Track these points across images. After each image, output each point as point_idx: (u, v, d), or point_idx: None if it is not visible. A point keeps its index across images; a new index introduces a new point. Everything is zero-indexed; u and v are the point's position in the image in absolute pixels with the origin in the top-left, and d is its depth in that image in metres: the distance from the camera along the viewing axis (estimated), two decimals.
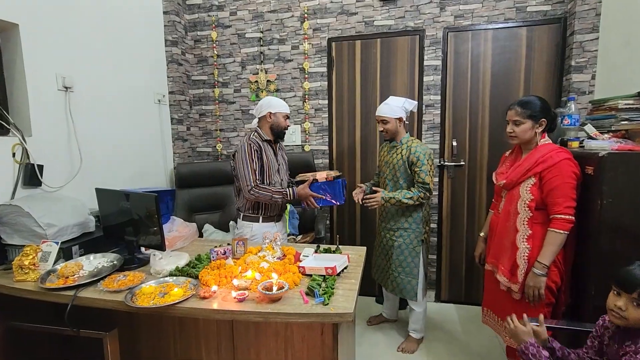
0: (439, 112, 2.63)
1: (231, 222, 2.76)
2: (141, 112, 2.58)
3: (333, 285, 1.33)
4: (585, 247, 1.53)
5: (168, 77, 2.87)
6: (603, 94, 2.14)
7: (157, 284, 1.34)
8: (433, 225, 2.75)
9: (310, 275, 1.42)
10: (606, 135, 1.66)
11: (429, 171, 1.99)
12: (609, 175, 1.38)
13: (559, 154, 1.49)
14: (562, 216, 1.44)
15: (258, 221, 2.00)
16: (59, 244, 1.53)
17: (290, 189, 1.96)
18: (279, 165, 2.05)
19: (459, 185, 2.67)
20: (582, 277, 1.56)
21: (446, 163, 2.66)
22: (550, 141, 1.58)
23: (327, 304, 1.20)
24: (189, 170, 2.86)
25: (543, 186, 1.50)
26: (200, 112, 3.10)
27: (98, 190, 1.72)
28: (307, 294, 1.28)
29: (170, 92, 2.88)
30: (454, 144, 2.62)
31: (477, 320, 2.51)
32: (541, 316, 1.23)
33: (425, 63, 2.60)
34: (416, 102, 2.11)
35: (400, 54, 2.65)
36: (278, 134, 2.02)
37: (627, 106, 1.69)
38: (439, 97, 2.61)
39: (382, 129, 2.08)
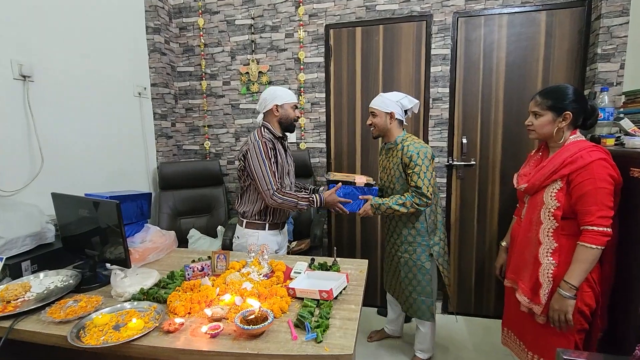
0: (448, 106, 2.38)
1: (219, 227, 2.53)
2: (118, 106, 2.33)
3: (328, 313, 1.09)
4: (628, 264, 1.29)
5: (150, 67, 2.61)
6: (634, 85, 1.90)
7: (114, 312, 1.10)
8: None
9: (302, 299, 1.19)
10: None
11: (426, 173, 1.68)
12: None
13: (591, 153, 1.24)
14: (595, 228, 1.20)
15: (264, 229, 1.75)
16: (4, 259, 1.28)
17: (316, 194, 1.72)
18: (289, 166, 1.81)
19: (469, 186, 2.43)
20: (624, 298, 1.32)
21: (455, 162, 2.42)
22: (583, 138, 1.34)
23: (321, 340, 0.97)
24: (174, 170, 2.62)
25: (572, 191, 1.26)
26: (187, 107, 2.84)
27: (55, 196, 1.47)
28: (296, 326, 1.04)
29: (152, 85, 2.63)
30: (464, 141, 2.37)
31: (488, 335, 2.29)
32: None
33: (433, 52, 2.35)
34: (418, 101, 1.83)
35: (405, 41, 2.40)
36: (288, 127, 1.77)
37: None
38: (447, 90, 2.37)
39: (370, 122, 1.84)
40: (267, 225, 1.74)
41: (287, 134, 1.83)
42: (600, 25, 2.03)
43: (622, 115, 1.62)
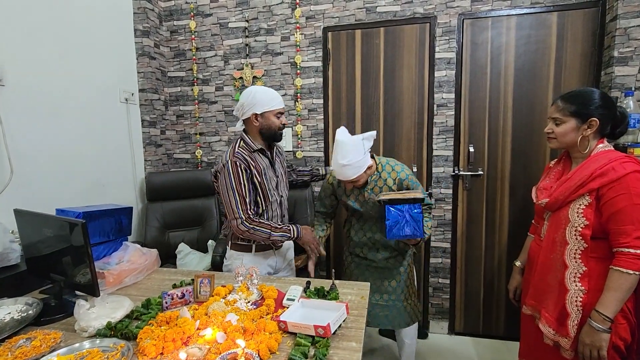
0: (453, 113, 2.24)
1: (210, 242, 2.36)
2: (102, 112, 2.18)
3: (325, 354, 0.93)
4: None
5: (138, 72, 2.47)
6: None
7: (72, 354, 0.93)
8: (446, 245, 2.35)
9: (295, 334, 1.02)
10: None
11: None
12: None
13: (625, 165, 1.10)
14: (632, 250, 1.05)
15: (251, 251, 1.56)
16: None
17: (293, 226, 1.52)
18: (277, 178, 1.58)
19: (477, 198, 2.28)
20: None
21: (461, 172, 2.27)
22: (611, 148, 1.19)
23: None
24: (163, 180, 2.46)
25: (602, 208, 1.11)
26: (178, 114, 2.70)
27: (17, 212, 1.31)
28: None
29: (140, 90, 2.49)
30: (471, 150, 2.23)
31: (498, 358, 2.11)
32: None
33: (437, 56, 2.22)
34: (374, 132, 1.54)
35: (407, 45, 2.26)
36: (271, 137, 1.53)
37: None
38: (452, 96, 2.23)
39: (350, 187, 1.63)
40: (253, 247, 1.55)
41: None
42: (617, 27, 1.89)
43: None
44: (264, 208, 1.53)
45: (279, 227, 1.49)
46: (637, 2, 1.86)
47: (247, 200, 1.44)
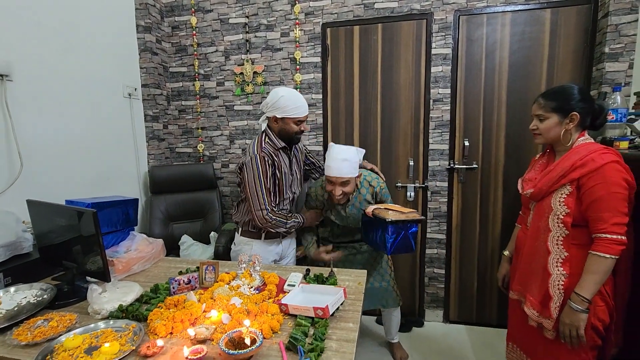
0: (449, 107, 2.29)
1: (212, 234, 2.43)
2: (106, 107, 2.23)
3: (324, 333, 1.00)
4: None
5: (141, 67, 2.52)
6: None
7: (88, 333, 1.00)
8: (441, 236, 2.42)
9: (295, 316, 1.09)
10: None
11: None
12: None
13: (603, 155, 1.16)
14: (609, 236, 1.12)
15: (260, 238, 1.66)
16: None
17: (299, 214, 1.67)
18: (292, 177, 1.67)
19: (471, 191, 2.34)
20: None
21: (457, 165, 2.33)
22: (592, 140, 1.25)
23: None
24: (166, 174, 2.52)
25: (583, 196, 1.17)
26: (180, 108, 2.75)
27: (30, 203, 1.37)
28: (288, 349, 0.94)
29: (143, 85, 2.53)
30: (466, 144, 2.29)
31: (491, 345, 2.20)
32: None
33: (433, 51, 2.27)
34: (364, 150, 1.78)
35: (404, 41, 2.31)
36: (287, 140, 1.61)
37: None
38: (448, 91, 2.28)
39: (339, 193, 1.58)
40: (262, 235, 1.64)
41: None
42: (608, 24, 1.95)
43: (634, 117, 1.54)
44: (278, 202, 1.63)
45: (290, 216, 1.63)
46: None
47: (272, 193, 1.55)
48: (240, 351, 0.87)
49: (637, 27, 1.91)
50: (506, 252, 1.57)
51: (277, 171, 1.56)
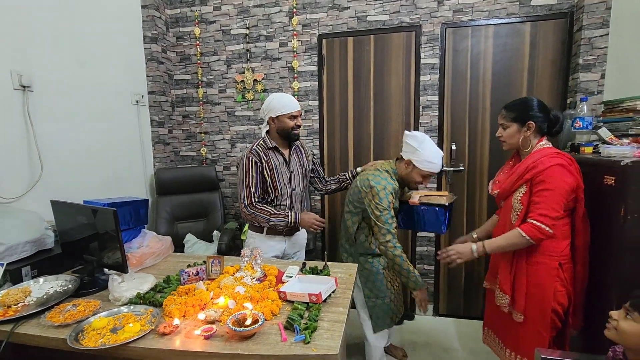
0: (437, 113, 2.45)
1: (215, 232, 2.58)
2: (116, 113, 2.38)
3: (317, 315, 1.15)
4: (604, 267, 1.36)
5: (147, 76, 2.67)
6: (613, 95, 1.98)
7: (112, 316, 1.15)
8: (430, 235, 2.57)
9: (292, 302, 1.24)
10: (624, 140, 1.49)
11: None
12: (633, 187, 1.20)
13: (551, 159, 1.32)
14: (534, 222, 1.30)
15: (262, 233, 1.82)
16: (5, 265, 1.33)
17: (291, 212, 1.76)
18: (291, 173, 1.80)
19: (458, 191, 2.50)
20: (600, 299, 1.39)
21: (445, 168, 2.49)
22: (549, 145, 1.41)
23: (309, 342, 1.02)
24: (171, 176, 2.67)
25: (531, 194, 1.34)
26: (184, 114, 2.90)
27: (54, 203, 1.52)
28: (286, 328, 1.09)
29: (150, 92, 2.69)
30: (453, 147, 2.45)
31: (476, 336, 2.33)
32: None
33: (422, 61, 2.43)
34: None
35: (395, 51, 2.47)
36: (286, 136, 1.76)
37: None
38: (436, 98, 2.44)
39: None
40: (264, 229, 1.80)
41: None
42: (582, 37, 2.11)
43: (600, 124, 1.70)
44: (273, 197, 1.77)
45: (278, 213, 1.73)
46: (600, 14, 2.07)
47: (253, 189, 1.71)
48: (245, 328, 1.02)
49: (607, 41, 2.07)
50: (474, 234, 1.71)
51: (266, 169, 1.73)
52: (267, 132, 1.81)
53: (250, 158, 1.71)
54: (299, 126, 1.78)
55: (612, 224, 1.28)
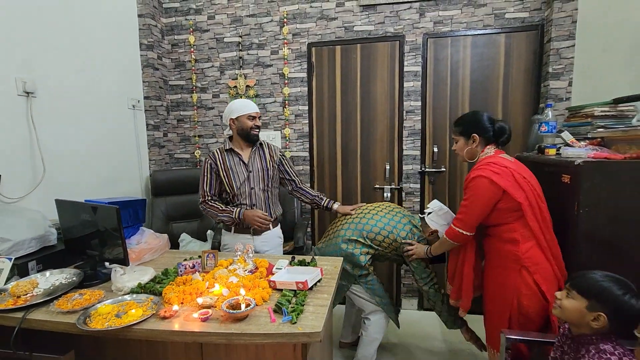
0: (420, 118, 2.60)
1: (209, 232, 2.68)
2: (113, 117, 2.48)
3: (303, 301, 1.27)
4: (564, 256, 1.50)
5: (143, 81, 2.78)
6: (579, 101, 2.15)
7: (115, 303, 1.26)
8: None
9: (281, 290, 1.36)
10: (583, 142, 1.64)
11: None
12: (585, 184, 1.35)
13: (476, 171, 1.48)
14: (452, 225, 1.54)
15: (230, 231, 1.96)
16: (12, 260, 1.43)
17: (237, 208, 1.86)
18: (249, 173, 1.91)
19: (440, 191, 2.65)
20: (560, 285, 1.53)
21: (427, 169, 2.64)
22: (491, 154, 1.53)
23: (295, 322, 1.14)
24: (166, 178, 2.77)
25: None
26: (178, 118, 3.01)
27: (58, 202, 1.62)
28: (275, 312, 1.21)
29: (145, 97, 2.79)
30: (435, 150, 2.60)
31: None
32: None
33: (406, 69, 2.58)
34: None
35: (380, 59, 2.62)
36: (246, 136, 1.88)
37: (603, 113, 1.68)
38: (419, 103, 2.59)
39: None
40: (232, 228, 1.94)
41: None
42: (551, 48, 2.28)
43: (564, 128, 1.86)
44: (232, 197, 1.93)
45: (225, 210, 1.88)
46: (567, 27, 2.25)
47: (206, 188, 1.91)
48: (238, 311, 1.14)
49: (574, 52, 2.25)
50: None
51: (222, 170, 1.89)
52: (230, 137, 1.97)
53: (207, 160, 1.92)
54: (258, 127, 1.93)
55: (569, 218, 1.43)
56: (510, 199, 1.40)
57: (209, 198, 1.92)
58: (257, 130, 1.91)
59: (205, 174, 1.91)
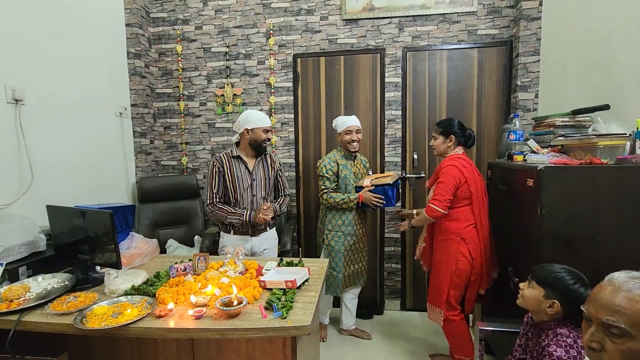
0: (400, 126, 2.74)
1: (196, 237, 2.72)
2: (100, 124, 2.51)
3: (292, 298, 1.35)
4: (528, 253, 1.64)
5: (131, 89, 2.81)
6: (545, 112, 2.34)
7: (111, 304, 1.30)
8: (397, 236, 2.83)
9: (271, 290, 1.43)
10: (545, 149, 1.81)
11: None
12: (546, 188, 1.50)
13: (448, 161, 1.89)
14: (430, 204, 1.86)
15: (230, 233, 2.04)
16: (4, 265, 1.44)
17: (247, 211, 1.97)
18: (252, 181, 2.01)
19: (420, 195, 2.79)
20: (524, 280, 1.67)
21: (408, 175, 2.77)
22: (461, 152, 1.94)
23: (285, 317, 1.22)
24: (152, 184, 2.79)
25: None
26: (165, 125, 3.04)
27: (49, 208, 1.65)
28: (266, 309, 1.29)
29: (132, 105, 2.82)
30: (415, 156, 2.74)
31: (437, 327, 2.60)
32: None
33: (387, 80, 2.72)
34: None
35: (362, 71, 2.76)
36: (257, 147, 2.02)
37: (563, 123, 1.86)
38: (400, 112, 2.73)
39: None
40: (231, 230, 2.02)
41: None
42: (519, 62, 2.47)
43: (530, 136, 2.03)
44: (235, 203, 2.02)
45: (235, 212, 1.97)
46: (532, 44, 2.44)
47: (215, 190, 1.98)
48: (231, 307, 1.21)
49: (539, 66, 2.44)
50: (414, 212, 2.15)
51: (228, 175, 1.99)
52: (237, 143, 2.06)
53: (214, 163, 2.00)
54: (269, 139, 2.07)
55: (533, 218, 1.57)
56: (466, 188, 1.83)
57: (217, 200, 2.00)
58: (268, 142, 2.07)
59: (214, 176, 1.98)
